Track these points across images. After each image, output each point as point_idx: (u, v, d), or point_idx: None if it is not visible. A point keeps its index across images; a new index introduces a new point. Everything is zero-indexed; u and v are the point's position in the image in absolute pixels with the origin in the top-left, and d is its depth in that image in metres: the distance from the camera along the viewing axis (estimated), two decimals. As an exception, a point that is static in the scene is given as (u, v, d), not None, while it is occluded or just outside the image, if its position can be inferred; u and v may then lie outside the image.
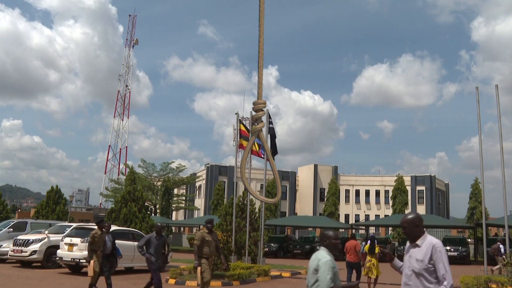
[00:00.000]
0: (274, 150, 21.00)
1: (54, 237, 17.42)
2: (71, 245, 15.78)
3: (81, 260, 15.24)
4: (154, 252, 10.39)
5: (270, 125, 21.22)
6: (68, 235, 16.44)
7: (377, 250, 13.33)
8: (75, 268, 16.15)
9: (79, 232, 16.31)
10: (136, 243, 16.62)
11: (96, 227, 11.92)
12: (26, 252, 17.03)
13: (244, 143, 21.49)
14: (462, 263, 27.16)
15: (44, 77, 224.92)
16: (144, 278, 15.51)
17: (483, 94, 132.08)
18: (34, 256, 16.95)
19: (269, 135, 21.15)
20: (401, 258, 6.15)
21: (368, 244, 13.82)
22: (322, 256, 4.21)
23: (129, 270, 17.16)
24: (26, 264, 17.83)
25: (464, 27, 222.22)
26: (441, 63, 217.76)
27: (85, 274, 15.42)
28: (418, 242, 4.22)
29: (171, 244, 44.89)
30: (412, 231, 4.28)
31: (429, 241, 4.17)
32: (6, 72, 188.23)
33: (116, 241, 15.93)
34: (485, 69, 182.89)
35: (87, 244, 15.21)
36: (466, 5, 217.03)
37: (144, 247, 10.54)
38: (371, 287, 13.65)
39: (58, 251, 16.19)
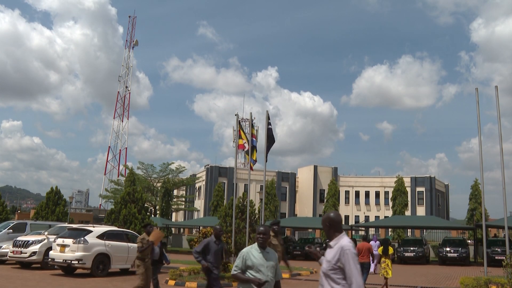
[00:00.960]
0: (267, 151, 20.90)
1: (54, 238, 17.33)
2: (63, 246, 15.45)
3: (72, 262, 15.02)
4: (213, 260, 8.86)
5: (269, 127, 21.19)
6: (60, 236, 16.22)
7: (391, 251, 14.41)
8: (68, 269, 15.88)
9: (72, 233, 16.05)
10: (130, 244, 16.51)
11: (142, 234, 11.03)
12: (26, 253, 17.00)
13: (241, 142, 21.48)
14: (462, 264, 27.14)
15: (44, 78, 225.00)
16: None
17: (483, 95, 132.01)
18: (34, 257, 16.91)
19: (268, 137, 21.09)
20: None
21: (381, 247, 14.55)
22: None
23: (125, 272, 17.07)
24: (25, 265, 17.82)
25: (464, 28, 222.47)
26: (440, 64, 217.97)
27: (80, 275, 15.37)
28: (331, 242, 4.14)
29: (171, 246, 44.88)
30: (326, 231, 4.21)
31: (341, 242, 4.06)
32: (6, 73, 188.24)
33: (110, 242, 15.84)
34: (485, 70, 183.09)
35: (79, 245, 15.14)
36: (466, 6, 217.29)
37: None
38: None
39: (50, 252, 15.92)
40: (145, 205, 31.81)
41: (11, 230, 20.93)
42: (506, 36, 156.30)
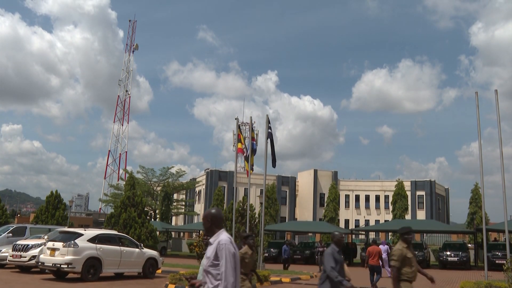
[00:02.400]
0: (273, 158, 20.95)
1: (45, 242, 17.06)
2: (53, 249, 15.09)
3: (62, 266, 14.63)
4: (341, 275, 7.12)
5: (269, 131, 21.22)
6: (51, 240, 15.95)
7: None
8: (59, 274, 15.55)
9: (63, 237, 15.69)
10: (123, 248, 16.34)
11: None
12: (25, 257, 16.95)
13: (240, 146, 21.54)
14: (463, 268, 27.08)
15: (45, 82, 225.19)
16: (141, 284, 15.46)
17: (483, 99, 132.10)
18: (33, 262, 16.81)
19: (268, 140, 21.13)
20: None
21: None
22: None
23: (120, 276, 16.85)
24: (25, 269, 17.77)
25: (463, 32, 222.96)
26: (440, 68, 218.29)
27: (75, 280, 15.23)
28: (211, 239, 4.13)
29: (171, 250, 44.80)
30: (206, 227, 4.21)
31: (219, 238, 4.05)
32: (7, 77, 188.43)
33: (102, 246, 15.57)
34: (484, 74, 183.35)
35: (69, 249, 14.74)
36: (466, 11, 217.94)
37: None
38: None
39: (41, 256, 15.59)
40: (145, 209, 31.79)
41: (10, 234, 20.91)
42: (505, 40, 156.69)
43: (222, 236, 4.08)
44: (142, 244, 18.18)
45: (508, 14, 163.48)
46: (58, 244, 15.04)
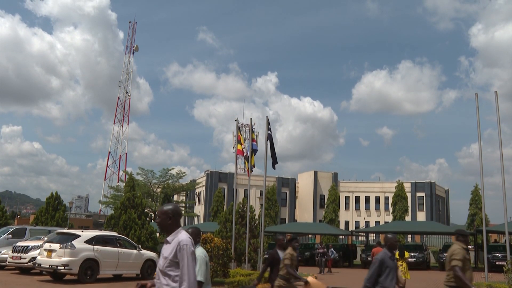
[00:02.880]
0: (274, 160, 20.98)
1: (42, 243, 16.93)
2: (50, 251, 14.98)
3: (58, 267, 14.54)
4: (391, 280, 5.98)
5: (269, 132, 21.22)
6: (48, 241, 15.87)
7: (407, 255, 15.56)
8: (56, 275, 15.44)
9: (60, 238, 15.61)
10: (121, 250, 16.16)
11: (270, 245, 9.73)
12: (25, 258, 16.91)
13: (240, 147, 21.56)
14: (463, 270, 27.03)
15: (45, 84, 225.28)
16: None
17: (483, 100, 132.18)
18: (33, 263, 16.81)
19: (268, 142, 21.12)
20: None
21: (397, 251, 15.30)
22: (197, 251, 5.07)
23: (118, 278, 16.81)
24: (25, 271, 17.74)
25: (463, 34, 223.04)
26: (440, 69, 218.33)
27: (72, 281, 15.18)
28: (169, 238, 3.92)
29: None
30: (165, 223, 3.95)
31: (178, 237, 3.85)
32: (8, 78, 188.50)
33: (100, 247, 15.47)
34: (484, 75, 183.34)
35: (66, 250, 14.62)
36: (466, 12, 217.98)
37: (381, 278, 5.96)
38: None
39: (38, 257, 15.48)
40: (145, 210, 31.75)
41: (10, 236, 20.89)
42: (505, 42, 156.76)
43: (182, 236, 3.88)
44: (140, 246, 18.15)
45: (508, 16, 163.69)
46: (55, 246, 14.97)
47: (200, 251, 5.21)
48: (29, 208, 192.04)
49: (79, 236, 15.41)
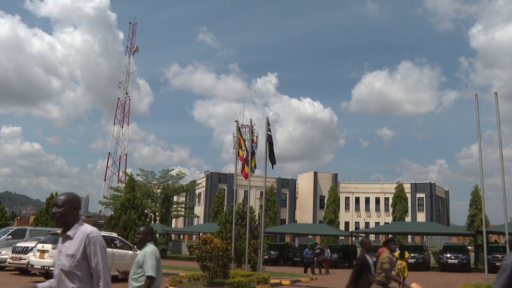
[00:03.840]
0: (272, 160, 21.01)
1: (35, 244, 16.63)
2: (42, 251, 14.76)
3: (50, 268, 13.97)
4: None
5: (269, 133, 21.24)
6: (42, 241, 15.70)
7: (406, 255, 16.55)
8: (49, 276, 14.99)
9: (54, 238, 15.32)
10: (116, 250, 15.89)
11: None
12: (25, 259, 16.88)
13: (241, 153, 21.61)
14: (463, 271, 27.05)
15: (46, 84, 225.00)
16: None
17: (483, 101, 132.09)
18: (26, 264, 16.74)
19: (267, 143, 21.14)
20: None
21: (398, 251, 16.32)
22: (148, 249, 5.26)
23: (114, 278, 16.66)
24: (24, 271, 17.73)
25: (463, 34, 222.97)
26: (440, 70, 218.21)
27: None
28: (69, 232, 3.37)
29: (171, 252, 44.77)
30: (69, 213, 3.39)
31: (83, 230, 3.37)
32: (8, 79, 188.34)
33: None
34: (484, 76, 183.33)
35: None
36: (466, 13, 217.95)
37: None
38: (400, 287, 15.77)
39: (30, 258, 15.27)
40: (145, 211, 31.79)
41: (10, 236, 20.88)
42: (505, 42, 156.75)
43: (88, 227, 3.41)
44: (135, 246, 17.91)
45: (508, 17, 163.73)
46: (48, 246, 14.78)
47: (151, 248, 5.29)
48: (29, 208, 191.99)
49: None
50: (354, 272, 7.40)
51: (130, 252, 16.70)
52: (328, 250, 27.06)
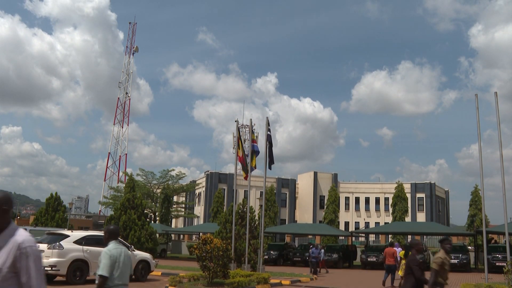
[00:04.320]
0: (270, 160, 21.01)
1: None
2: None
3: (45, 268, 13.75)
4: None
5: (268, 133, 21.24)
6: (38, 241, 15.20)
7: None
8: (46, 277, 15.17)
9: (49, 238, 15.21)
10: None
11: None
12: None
13: (240, 153, 21.62)
14: (463, 271, 27.05)
15: (46, 84, 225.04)
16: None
17: (482, 101, 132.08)
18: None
19: (267, 143, 21.14)
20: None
21: (403, 251, 17.19)
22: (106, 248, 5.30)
23: None
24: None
25: (463, 34, 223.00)
26: (440, 70, 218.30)
27: (63, 283, 14.94)
28: None
29: (171, 252, 44.76)
30: None
31: (14, 239, 2.82)
32: (9, 79, 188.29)
33: (90, 247, 15.07)
34: (484, 76, 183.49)
35: (54, 250, 14.21)
36: (467, 13, 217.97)
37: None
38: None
39: None
40: (145, 211, 31.78)
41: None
42: (505, 42, 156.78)
43: (21, 235, 2.87)
44: (133, 246, 17.77)
45: (508, 17, 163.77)
46: (43, 246, 14.55)
47: (107, 247, 5.27)
48: (29, 209, 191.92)
49: (68, 236, 15.07)
50: (422, 273, 7.46)
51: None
52: (323, 250, 27.02)
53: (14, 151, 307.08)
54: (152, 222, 46.85)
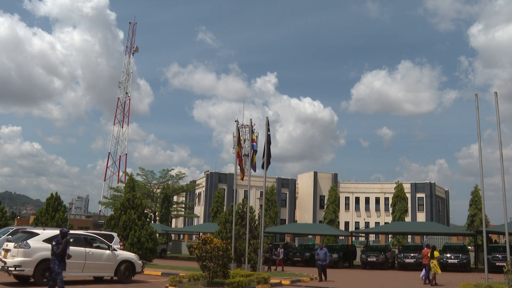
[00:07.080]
0: (268, 160, 20.98)
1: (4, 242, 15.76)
2: (6, 250, 13.92)
3: (9, 268, 13.38)
4: None
5: (268, 133, 21.24)
6: (9, 240, 15.00)
7: (436, 255, 19.05)
8: (21, 277, 14.34)
9: (20, 237, 14.59)
10: (89, 249, 14.85)
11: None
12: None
13: (238, 149, 21.61)
14: (463, 271, 27.05)
15: (47, 84, 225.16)
16: None
17: (482, 101, 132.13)
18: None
19: (266, 143, 21.14)
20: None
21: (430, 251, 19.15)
22: None
23: (100, 280, 16.06)
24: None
25: (463, 34, 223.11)
26: (440, 70, 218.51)
27: (45, 284, 14.70)
28: None
29: (171, 252, 44.78)
30: None
31: None
32: (10, 79, 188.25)
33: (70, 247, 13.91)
34: (484, 76, 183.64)
35: (19, 249, 13.53)
36: (467, 13, 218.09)
37: None
38: (433, 283, 18.63)
39: None
40: (145, 211, 31.76)
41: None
42: (505, 42, 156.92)
43: None
44: (113, 246, 16.98)
45: (508, 17, 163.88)
46: (11, 245, 14.00)
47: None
48: (29, 208, 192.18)
49: (37, 234, 14.36)
50: None
51: (107, 251, 15.58)
52: (283, 249, 27.06)
53: (14, 151, 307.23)
54: (152, 222, 46.86)
